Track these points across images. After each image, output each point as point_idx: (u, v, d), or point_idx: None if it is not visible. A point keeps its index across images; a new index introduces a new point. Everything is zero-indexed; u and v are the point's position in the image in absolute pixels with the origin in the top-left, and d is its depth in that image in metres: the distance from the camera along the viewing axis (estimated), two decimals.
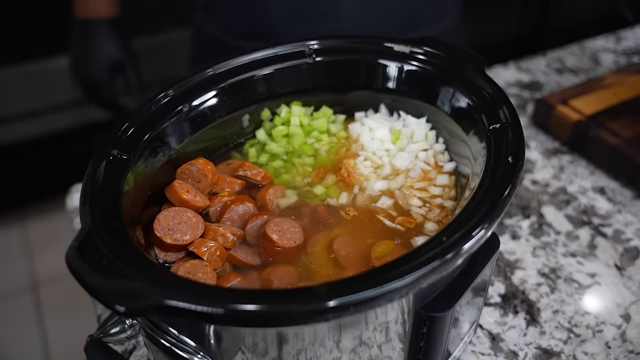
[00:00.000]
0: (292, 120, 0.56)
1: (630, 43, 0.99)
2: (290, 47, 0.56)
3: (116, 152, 0.44)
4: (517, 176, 0.42)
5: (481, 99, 0.50)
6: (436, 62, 0.54)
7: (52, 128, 1.76)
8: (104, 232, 0.38)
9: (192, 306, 0.33)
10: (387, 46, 0.56)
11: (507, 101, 0.49)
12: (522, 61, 0.94)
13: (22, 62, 1.67)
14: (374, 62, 0.56)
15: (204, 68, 0.53)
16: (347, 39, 0.57)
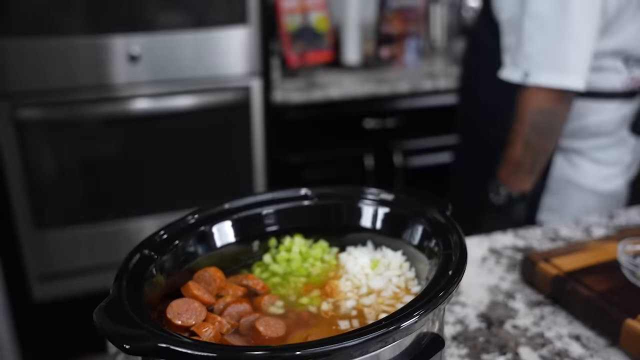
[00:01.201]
0: (293, 249, 0.69)
1: (622, 221, 1.10)
2: (296, 191, 0.71)
3: (147, 252, 0.58)
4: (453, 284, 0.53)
5: (441, 234, 0.62)
6: (410, 206, 0.68)
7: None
8: (126, 300, 0.51)
9: (179, 349, 0.44)
10: (373, 194, 0.71)
11: (457, 232, 0.61)
12: (519, 230, 1.06)
13: (93, 223, 1.91)
14: (362, 207, 0.70)
15: (224, 202, 0.68)
16: (342, 187, 0.73)
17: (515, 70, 1.20)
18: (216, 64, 1.94)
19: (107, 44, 1.79)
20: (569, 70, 1.14)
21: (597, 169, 1.34)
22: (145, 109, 1.89)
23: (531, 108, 1.17)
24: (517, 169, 1.22)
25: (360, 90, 2.13)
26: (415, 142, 2.26)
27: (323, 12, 2.32)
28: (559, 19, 1.12)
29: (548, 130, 1.19)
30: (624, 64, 1.25)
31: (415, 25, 2.43)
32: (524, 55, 1.18)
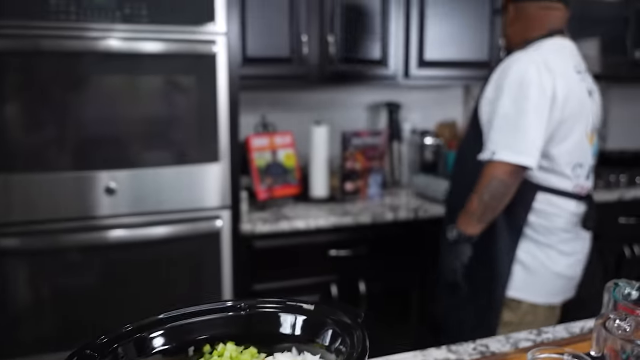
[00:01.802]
0: (225, 354, 0.78)
1: (550, 336, 1.18)
2: (227, 302, 0.81)
3: (89, 352, 0.67)
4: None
5: (348, 335, 0.72)
6: (325, 314, 0.77)
7: None
8: None
9: None
10: (296, 304, 0.80)
11: (362, 331, 0.70)
12: (453, 345, 1.14)
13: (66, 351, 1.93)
14: (286, 316, 0.80)
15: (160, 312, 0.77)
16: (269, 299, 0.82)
17: (486, 152, 1.67)
18: (190, 197, 2.08)
19: (91, 178, 1.94)
20: (523, 153, 1.62)
21: (564, 259, 1.78)
22: (122, 238, 2.00)
23: (492, 176, 1.63)
24: (470, 218, 1.69)
25: (325, 222, 2.26)
26: (378, 270, 2.36)
27: (291, 150, 2.51)
28: (517, 118, 1.63)
29: (499, 195, 1.64)
30: (571, 171, 1.74)
31: (378, 161, 2.63)
32: (493, 141, 1.65)
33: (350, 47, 2.56)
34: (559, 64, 1.70)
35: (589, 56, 2.92)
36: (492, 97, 1.73)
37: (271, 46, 2.44)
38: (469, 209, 1.69)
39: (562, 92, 1.67)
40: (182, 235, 2.08)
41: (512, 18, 1.85)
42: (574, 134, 1.72)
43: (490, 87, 1.75)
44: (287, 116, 2.82)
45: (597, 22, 3.01)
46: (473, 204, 1.68)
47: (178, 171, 2.05)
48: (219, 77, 2.06)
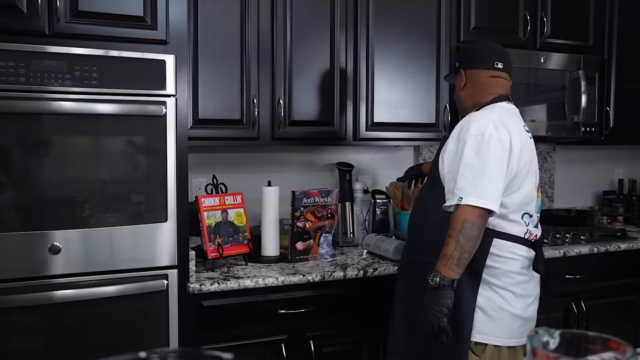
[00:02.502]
0: None
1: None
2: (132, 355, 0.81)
3: None
4: None
5: None
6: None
7: None
8: None
9: None
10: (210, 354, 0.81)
11: None
12: None
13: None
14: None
15: None
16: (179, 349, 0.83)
17: (453, 199, 1.79)
18: (138, 256, 2.07)
19: (40, 237, 1.93)
20: (487, 198, 1.75)
21: (520, 301, 1.89)
22: (70, 297, 1.97)
23: (463, 220, 1.73)
24: (448, 261, 1.74)
25: (275, 281, 2.27)
26: (328, 328, 2.36)
27: (242, 209, 2.53)
28: (480, 167, 1.77)
29: (472, 237, 1.73)
30: (522, 219, 1.90)
31: (329, 221, 2.66)
32: (459, 188, 1.77)
33: (300, 109, 2.64)
34: (511, 122, 1.88)
35: (537, 120, 3.07)
36: (454, 149, 1.88)
37: (223, 108, 2.50)
38: (447, 254, 1.75)
39: (517, 146, 1.85)
40: (130, 294, 2.06)
41: (464, 84, 2.06)
42: (525, 186, 1.89)
43: (451, 141, 1.91)
44: (238, 176, 2.85)
45: (543, 89, 3.18)
46: (449, 248, 1.74)
47: (127, 231, 2.05)
48: (168, 138, 2.10)
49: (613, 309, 3.04)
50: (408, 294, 2.05)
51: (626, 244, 3.04)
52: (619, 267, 3.04)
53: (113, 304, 2.04)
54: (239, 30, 2.51)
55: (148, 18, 2.06)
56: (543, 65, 3.12)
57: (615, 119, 3.37)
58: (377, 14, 2.76)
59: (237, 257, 2.51)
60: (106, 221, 2.03)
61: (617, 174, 3.96)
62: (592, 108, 3.25)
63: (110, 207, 2.07)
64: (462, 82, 2.06)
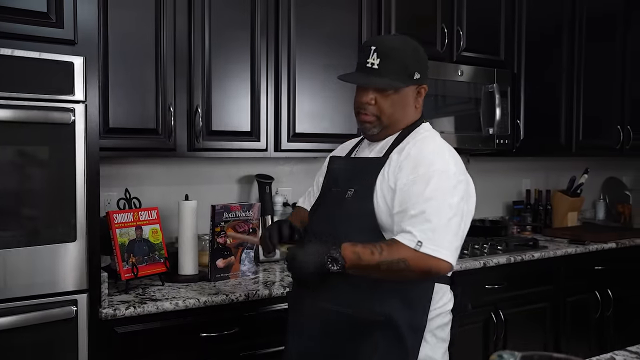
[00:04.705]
0: None
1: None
2: None
3: None
4: None
5: None
6: None
7: None
8: None
9: None
10: None
11: None
12: None
13: None
14: None
15: None
16: None
17: (406, 238, 1.51)
18: (41, 281, 1.84)
19: None
20: (450, 251, 1.53)
21: (441, 344, 1.69)
22: None
23: (404, 262, 1.49)
24: (358, 267, 1.53)
25: (196, 302, 2.11)
26: (255, 351, 2.23)
27: (158, 226, 2.35)
28: (450, 215, 1.53)
29: (395, 276, 1.53)
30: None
31: (251, 235, 2.53)
32: (421, 230, 1.50)
33: (220, 119, 2.50)
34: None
35: (446, 132, 3.10)
36: (409, 173, 1.57)
37: (136, 116, 2.32)
38: (363, 258, 1.51)
39: (472, 189, 1.68)
40: (31, 324, 1.83)
41: (394, 99, 1.67)
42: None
43: (407, 163, 1.59)
44: (153, 190, 2.67)
45: (457, 100, 3.21)
46: (372, 258, 1.50)
47: (28, 252, 1.83)
48: (77, 148, 1.90)
49: (529, 317, 3.11)
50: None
51: (539, 253, 3.13)
52: (533, 276, 3.13)
53: (13, 336, 1.80)
54: (153, 34, 2.34)
55: (53, 15, 1.85)
56: (460, 78, 3.17)
57: (525, 132, 3.48)
58: (298, 22, 2.67)
59: (153, 276, 2.33)
60: (4, 242, 1.79)
61: (524, 184, 4.10)
62: (505, 121, 3.34)
63: (9, 226, 1.83)
64: (420, 97, 1.72)
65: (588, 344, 3.34)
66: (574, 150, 3.76)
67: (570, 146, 3.75)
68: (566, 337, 3.26)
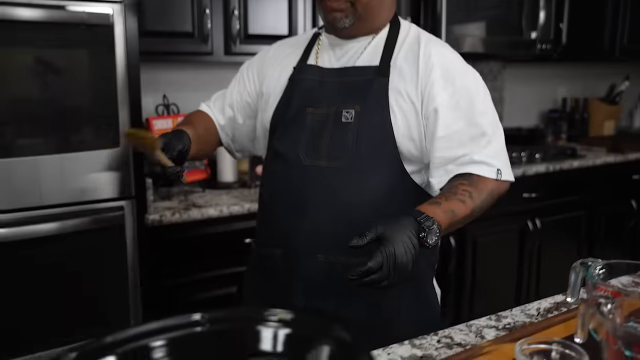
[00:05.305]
0: None
1: (509, 320, 1.12)
2: (184, 318, 0.64)
3: None
4: None
5: (342, 350, 0.58)
6: (306, 325, 0.63)
7: None
8: None
9: None
10: (266, 314, 0.66)
11: (366, 350, 0.57)
12: (415, 339, 1.04)
13: None
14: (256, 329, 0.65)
15: (106, 334, 0.60)
16: (234, 310, 0.67)
17: (483, 168, 1.20)
18: (87, 187, 1.83)
19: None
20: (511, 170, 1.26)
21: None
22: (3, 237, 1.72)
23: (491, 195, 1.20)
24: (453, 224, 1.15)
25: (240, 209, 2.10)
26: None
27: None
28: (499, 131, 1.25)
29: (481, 212, 1.22)
30: None
31: None
32: (494, 157, 1.21)
33: (257, 22, 2.39)
34: None
35: (477, 37, 2.95)
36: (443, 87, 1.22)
37: (172, 19, 2.22)
38: (458, 213, 1.15)
39: None
40: (80, 230, 1.83)
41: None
42: None
43: (435, 74, 1.23)
44: (190, 96, 2.59)
45: (493, 3, 3.04)
46: (466, 209, 1.16)
47: (74, 159, 1.80)
48: (117, 51, 1.82)
49: (565, 225, 3.10)
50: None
51: (577, 162, 3.07)
52: (570, 184, 3.09)
53: (62, 243, 1.81)
54: None
55: None
56: None
57: (567, 36, 3.32)
58: None
59: (192, 184, 2.31)
60: (47, 149, 1.76)
61: (560, 92, 3.98)
62: (549, 25, 3.17)
63: (52, 133, 1.79)
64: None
65: (622, 253, 3.35)
66: (617, 54, 3.60)
67: (613, 50, 3.58)
68: (600, 245, 3.26)
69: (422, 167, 1.27)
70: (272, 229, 1.32)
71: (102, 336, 0.59)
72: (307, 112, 1.28)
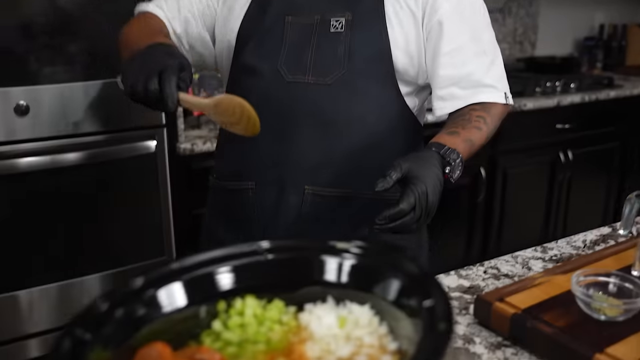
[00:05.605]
0: (246, 312, 0.61)
1: (556, 252, 1.10)
2: (245, 247, 0.63)
3: (80, 332, 0.48)
4: (448, 337, 0.47)
5: (412, 281, 0.57)
6: (371, 254, 0.62)
7: None
8: None
9: None
10: (330, 244, 0.64)
11: (434, 280, 0.55)
12: (462, 269, 1.03)
13: None
14: (319, 259, 0.63)
15: (168, 262, 0.59)
16: (296, 239, 0.65)
17: (494, 93, 1.10)
18: (120, 114, 1.82)
19: None
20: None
21: None
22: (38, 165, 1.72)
23: (497, 118, 1.11)
24: (472, 150, 1.04)
25: None
26: None
27: None
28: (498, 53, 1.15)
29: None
30: None
31: None
32: (500, 80, 1.12)
33: None
34: None
35: None
36: (444, 0, 1.08)
37: None
38: (476, 142, 1.05)
39: None
40: (110, 159, 1.83)
41: None
42: None
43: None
44: None
45: None
46: (482, 136, 1.07)
47: (106, 86, 1.77)
48: None
49: (597, 157, 3.04)
50: None
51: (614, 92, 2.98)
52: (605, 115, 3.00)
53: (96, 170, 1.81)
54: None
55: None
56: None
57: None
58: None
59: None
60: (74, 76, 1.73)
61: (597, 18, 3.81)
62: None
63: (82, 58, 1.76)
64: None
65: None
66: None
67: None
68: (632, 177, 3.20)
69: (415, 89, 1.14)
70: (242, 159, 1.14)
71: (168, 263, 0.58)
72: (285, 22, 1.10)
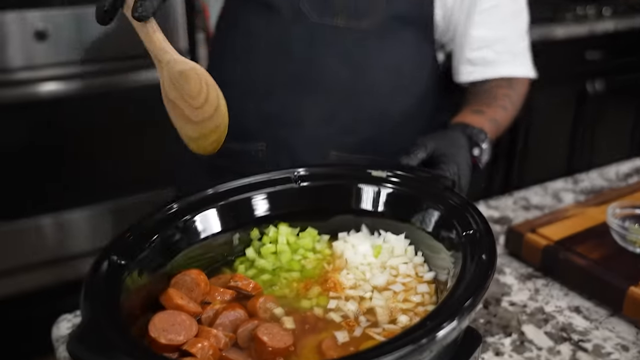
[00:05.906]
0: (279, 239, 0.60)
1: (587, 184, 1.08)
2: (278, 174, 0.62)
3: (115, 258, 0.47)
4: (491, 270, 0.46)
5: (452, 212, 0.55)
6: (409, 183, 0.60)
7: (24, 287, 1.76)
8: (102, 324, 0.40)
9: None
10: (366, 172, 0.62)
11: (476, 210, 0.54)
12: (490, 200, 1.01)
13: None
14: (354, 187, 0.62)
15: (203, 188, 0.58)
16: (330, 167, 0.64)
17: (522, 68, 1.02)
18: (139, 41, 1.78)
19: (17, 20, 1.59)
20: None
21: None
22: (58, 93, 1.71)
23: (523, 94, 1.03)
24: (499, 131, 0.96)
25: None
26: None
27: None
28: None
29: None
30: None
31: None
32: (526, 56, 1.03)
33: None
34: None
35: None
36: None
37: None
38: (502, 123, 0.96)
39: None
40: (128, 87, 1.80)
41: None
42: None
43: None
44: None
45: None
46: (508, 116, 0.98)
47: None
48: None
49: (626, 89, 2.95)
50: None
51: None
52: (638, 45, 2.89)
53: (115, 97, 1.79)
54: None
55: None
56: None
57: None
58: None
59: None
60: None
61: None
62: None
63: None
64: None
65: None
66: None
67: None
68: None
69: (438, 45, 1.01)
70: (250, 115, 0.97)
71: (203, 189, 0.57)
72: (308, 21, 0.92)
